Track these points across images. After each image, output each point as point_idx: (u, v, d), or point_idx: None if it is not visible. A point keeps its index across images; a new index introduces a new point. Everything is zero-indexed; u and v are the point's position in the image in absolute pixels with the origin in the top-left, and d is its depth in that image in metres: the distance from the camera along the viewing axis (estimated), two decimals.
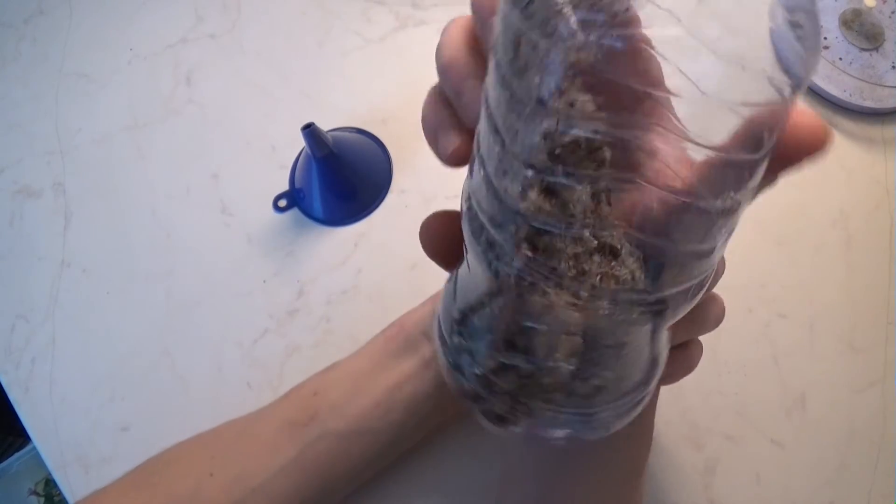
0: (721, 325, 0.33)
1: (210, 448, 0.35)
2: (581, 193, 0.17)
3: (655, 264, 0.18)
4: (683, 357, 0.28)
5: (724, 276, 0.29)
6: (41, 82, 0.55)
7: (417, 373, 0.35)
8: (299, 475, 0.34)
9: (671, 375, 0.28)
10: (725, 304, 0.28)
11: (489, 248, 0.19)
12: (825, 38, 0.51)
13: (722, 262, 0.26)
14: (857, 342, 0.43)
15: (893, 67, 0.50)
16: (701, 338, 0.29)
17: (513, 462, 0.32)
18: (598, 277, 0.17)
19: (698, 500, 0.40)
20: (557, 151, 0.16)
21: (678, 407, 0.42)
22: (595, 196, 0.17)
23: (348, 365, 0.37)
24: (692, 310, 0.25)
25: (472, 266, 0.20)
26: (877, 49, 0.51)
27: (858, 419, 0.41)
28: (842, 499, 0.39)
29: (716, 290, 0.31)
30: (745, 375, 0.42)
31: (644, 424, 0.31)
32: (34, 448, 0.43)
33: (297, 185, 0.48)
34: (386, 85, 0.53)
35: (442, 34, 0.22)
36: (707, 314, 0.28)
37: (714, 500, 0.40)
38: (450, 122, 0.21)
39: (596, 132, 0.16)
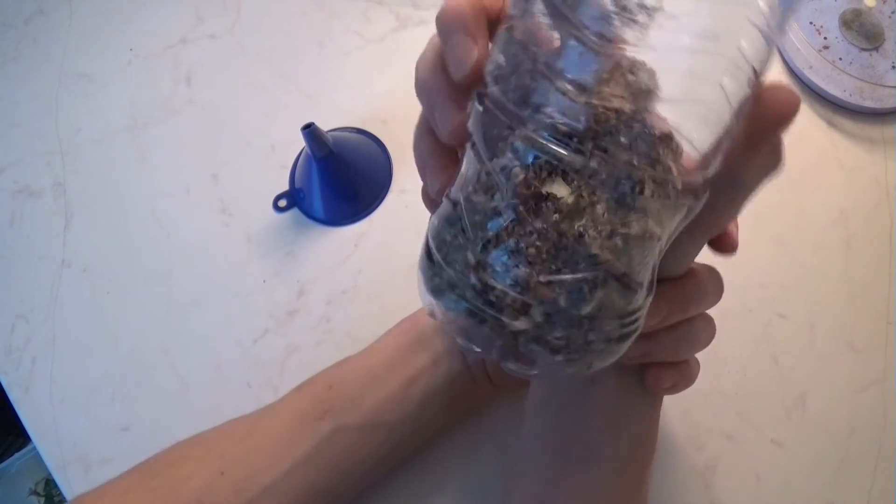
0: (721, 325, 0.33)
1: (219, 446, 0.34)
2: None
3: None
4: (682, 372, 0.29)
5: (724, 276, 0.29)
6: (41, 82, 0.55)
7: (430, 367, 0.35)
8: (314, 471, 0.33)
9: (672, 388, 0.29)
10: (725, 304, 0.29)
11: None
12: (825, 39, 0.51)
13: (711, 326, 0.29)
14: (857, 342, 0.43)
15: (893, 67, 0.50)
16: None
17: (521, 459, 0.32)
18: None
19: (698, 500, 0.40)
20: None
21: (678, 407, 0.42)
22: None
23: (362, 359, 0.37)
24: (686, 330, 0.27)
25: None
26: (877, 49, 0.51)
27: (858, 419, 0.41)
28: (842, 499, 0.40)
29: None
30: (745, 375, 0.42)
31: (650, 424, 0.31)
32: (34, 448, 0.43)
33: (297, 185, 0.48)
34: (386, 85, 0.53)
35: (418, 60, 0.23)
36: (699, 334, 0.29)
37: (714, 500, 0.40)
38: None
39: None
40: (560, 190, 0.19)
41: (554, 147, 0.19)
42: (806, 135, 0.49)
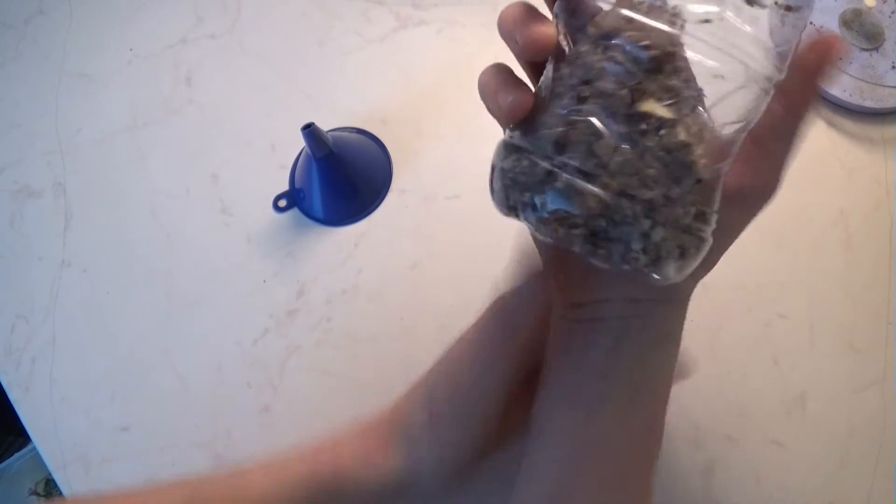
0: (721, 325, 0.33)
1: None
2: None
3: None
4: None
5: (724, 275, 0.29)
6: (41, 82, 0.55)
7: None
8: None
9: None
10: (726, 304, 0.29)
11: None
12: None
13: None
14: (857, 342, 0.43)
15: (893, 67, 0.50)
16: (701, 336, 0.29)
17: (530, 455, 0.32)
18: None
19: (698, 500, 0.40)
20: None
21: (678, 407, 0.41)
22: None
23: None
24: None
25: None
26: (877, 49, 0.51)
27: (858, 419, 0.41)
28: (842, 499, 0.39)
29: (715, 287, 0.31)
30: (745, 375, 0.42)
31: (656, 419, 0.31)
32: (34, 448, 0.43)
33: (297, 185, 0.48)
34: (386, 85, 0.53)
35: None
36: None
37: (714, 500, 0.40)
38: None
39: None
40: (657, 109, 0.20)
41: (643, 68, 0.20)
42: (806, 135, 0.49)
